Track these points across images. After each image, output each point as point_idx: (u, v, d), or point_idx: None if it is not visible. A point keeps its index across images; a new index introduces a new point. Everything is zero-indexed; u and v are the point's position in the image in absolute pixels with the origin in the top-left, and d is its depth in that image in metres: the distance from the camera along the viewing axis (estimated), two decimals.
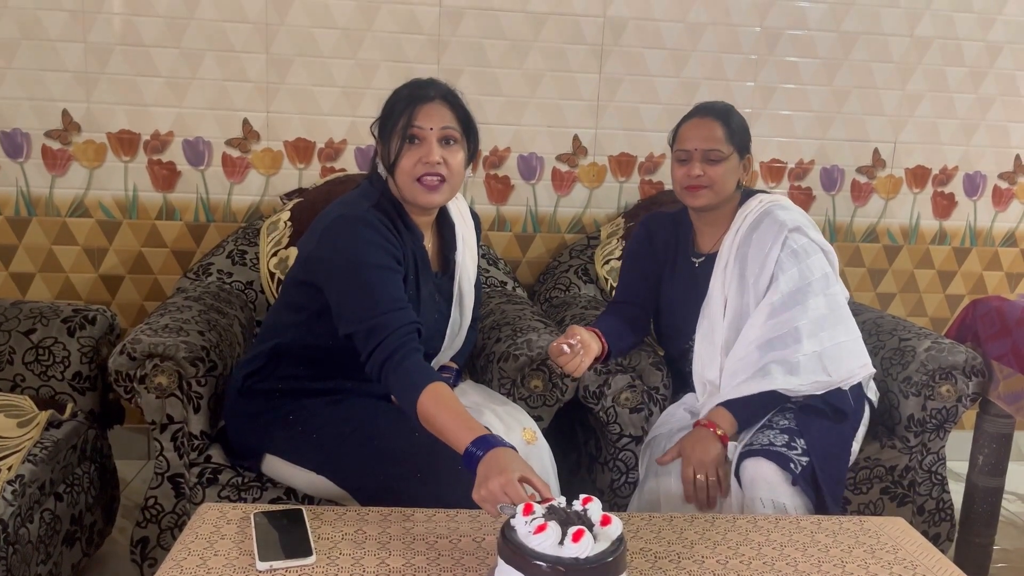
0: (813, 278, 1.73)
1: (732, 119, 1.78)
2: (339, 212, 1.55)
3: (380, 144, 1.57)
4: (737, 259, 1.78)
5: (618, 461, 1.89)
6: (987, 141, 2.78)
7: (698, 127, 1.77)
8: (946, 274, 2.86)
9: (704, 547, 1.29)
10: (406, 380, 1.41)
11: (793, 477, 1.57)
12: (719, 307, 1.78)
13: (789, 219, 1.77)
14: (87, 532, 1.85)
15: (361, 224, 1.51)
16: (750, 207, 1.81)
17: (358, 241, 1.50)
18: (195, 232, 2.53)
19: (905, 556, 1.29)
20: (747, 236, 1.78)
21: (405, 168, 1.52)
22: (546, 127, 2.60)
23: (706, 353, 1.79)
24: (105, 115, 2.44)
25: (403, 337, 1.44)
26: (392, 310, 1.46)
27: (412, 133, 1.52)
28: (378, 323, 1.44)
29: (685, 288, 1.86)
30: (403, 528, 1.29)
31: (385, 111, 1.57)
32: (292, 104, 2.50)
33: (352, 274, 1.48)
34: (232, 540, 1.23)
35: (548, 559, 1.07)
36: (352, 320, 1.48)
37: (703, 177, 1.75)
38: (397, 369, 1.42)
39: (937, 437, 1.99)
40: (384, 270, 1.49)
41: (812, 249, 1.76)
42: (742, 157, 1.79)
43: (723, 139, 1.75)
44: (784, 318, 1.71)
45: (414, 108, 1.52)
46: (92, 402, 1.90)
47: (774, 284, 1.74)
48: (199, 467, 1.72)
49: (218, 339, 1.84)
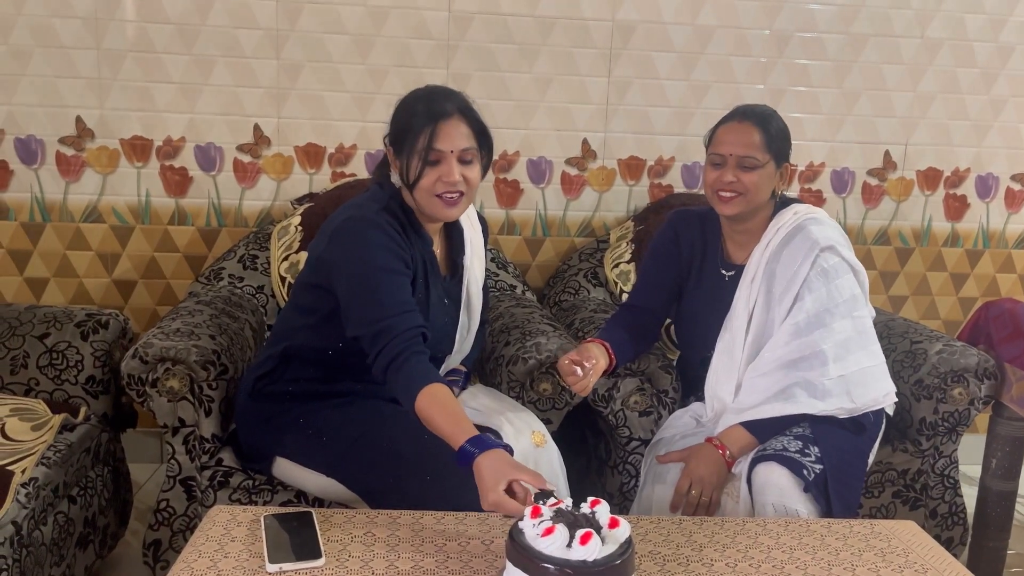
0: (841, 300, 1.68)
1: (772, 124, 1.72)
2: (348, 214, 1.56)
3: (394, 156, 1.57)
4: (765, 274, 1.72)
5: (627, 465, 1.89)
6: (999, 142, 2.77)
7: (735, 131, 1.71)
8: (959, 276, 2.85)
9: (713, 550, 1.29)
10: (407, 382, 1.43)
11: (806, 484, 1.56)
12: (743, 322, 1.73)
13: (823, 237, 1.70)
14: (100, 534, 1.86)
15: (370, 227, 1.52)
16: (783, 219, 1.74)
17: (367, 244, 1.51)
18: (207, 237, 2.55)
19: (916, 560, 1.29)
20: (778, 251, 1.72)
21: (425, 186, 1.53)
22: (555, 131, 2.61)
23: (723, 369, 1.75)
24: (118, 121, 2.47)
25: (407, 341, 1.45)
26: (398, 313, 1.47)
27: (433, 158, 1.51)
28: (384, 326, 1.45)
29: (711, 298, 1.81)
30: (412, 530, 1.30)
31: (400, 125, 1.55)
32: (303, 109, 2.51)
33: (360, 277, 1.49)
34: (242, 542, 1.24)
35: (556, 562, 1.07)
36: (359, 323, 1.49)
37: (736, 184, 1.69)
38: (400, 371, 1.43)
39: (949, 440, 1.98)
40: (392, 273, 1.51)
41: (843, 269, 1.70)
42: (779, 165, 1.73)
43: (760, 146, 1.69)
44: (809, 340, 1.66)
45: (434, 128, 1.51)
46: (105, 406, 1.92)
47: (799, 303, 1.68)
48: (210, 470, 1.73)
49: (229, 343, 1.85)
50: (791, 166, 1.78)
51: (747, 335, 1.74)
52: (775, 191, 1.76)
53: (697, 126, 2.64)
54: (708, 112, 2.62)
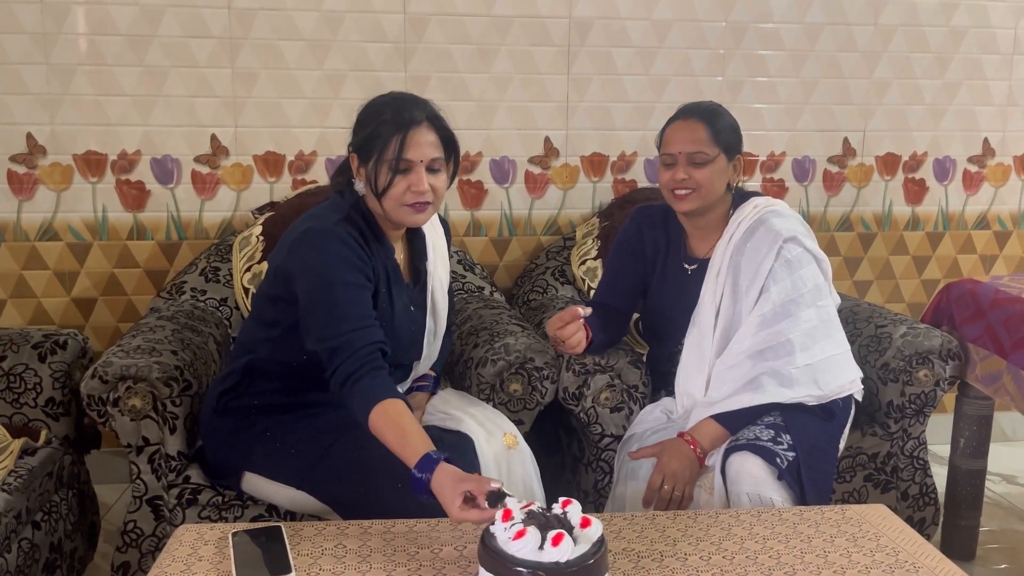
0: (805, 289, 1.70)
1: (718, 120, 1.74)
2: (308, 225, 1.54)
3: (360, 164, 1.54)
4: (730, 268, 1.74)
5: (601, 462, 1.89)
6: (955, 126, 2.81)
7: (682, 130, 1.74)
8: (921, 259, 2.88)
9: (687, 544, 1.28)
10: (362, 399, 1.40)
11: (779, 472, 1.57)
12: (710, 316, 1.75)
13: (785, 228, 1.73)
14: (68, 559, 1.82)
15: (330, 238, 1.50)
16: (744, 213, 1.77)
17: (327, 256, 1.48)
18: (167, 251, 2.51)
19: (887, 543, 1.30)
20: (741, 244, 1.74)
21: (394, 195, 1.51)
22: (517, 130, 2.60)
23: (693, 363, 1.76)
24: (70, 136, 2.42)
25: (365, 357, 1.42)
26: (357, 328, 1.44)
27: (403, 167, 1.50)
28: (343, 342, 1.43)
29: (676, 293, 1.83)
30: (384, 540, 1.28)
31: (367, 132, 1.52)
32: (260, 118, 2.48)
33: (320, 290, 1.47)
34: (210, 561, 1.22)
35: (528, 564, 1.06)
36: (318, 337, 1.46)
37: (688, 181, 1.71)
38: (355, 388, 1.41)
39: (917, 422, 2.00)
40: (352, 287, 1.48)
41: (806, 260, 1.73)
42: (731, 158, 1.75)
43: (708, 141, 1.71)
44: (776, 330, 1.68)
45: (404, 137, 1.49)
46: (67, 428, 1.87)
47: (765, 294, 1.70)
48: (178, 488, 1.70)
49: (192, 358, 1.82)
50: (746, 156, 1.79)
51: (715, 329, 1.75)
52: (730, 184, 1.78)
53: (658, 120, 2.62)
54: (668, 106, 2.61)
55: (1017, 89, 2.80)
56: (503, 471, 1.61)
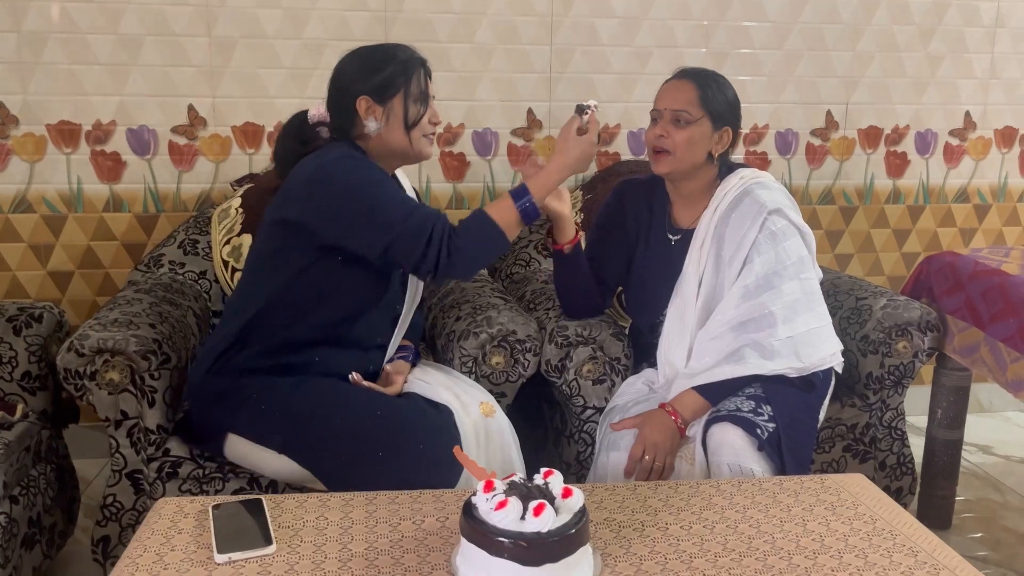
0: (789, 262, 1.70)
1: (711, 86, 1.73)
2: (316, 163, 1.56)
3: (375, 103, 1.60)
4: (714, 238, 1.74)
5: (583, 434, 1.89)
6: (937, 99, 2.81)
7: (673, 88, 1.75)
8: (901, 232, 2.90)
9: (668, 514, 1.29)
10: (473, 226, 1.56)
11: (759, 443, 1.57)
12: (693, 286, 1.75)
13: (770, 200, 1.72)
14: (47, 534, 1.81)
15: (349, 158, 1.57)
16: (730, 184, 1.76)
17: (358, 167, 1.56)
18: (145, 223, 2.47)
19: (865, 511, 1.31)
20: (726, 215, 1.73)
21: (422, 126, 1.63)
22: (500, 101, 2.57)
23: (675, 333, 1.76)
24: (43, 106, 2.37)
25: (444, 220, 1.55)
26: (416, 208, 1.56)
27: (427, 97, 1.63)
28: (420, 216, 1.53)
29: (659, 263, 1.83)
30: (366, 512, 1.28)
31: (386, 72, 1.59)
32: (238, 88, 2.44)
33: (368, 190, 1.53)
34: (190, 534, 1.21)
35: (510, 535, 1.06)
36: (388, 225, 1.51)
37: (666, 140, 1.71)
38: (459, 233, 1.54)
39: (896, 393, 2.02)
40: (388, 182, 1.59)
41: (790, 232, 1.72)
42: (717, 127, 1.73)
43: (695, 102, 1.70)
44: (758, 302, 1.68)
45: (424, 73, 1.63)
46: (44, 402, 1.85)
47: (748, 266, 1.70)
48: (157, 461, 1.69)
49: (171, 331, 1.80)
50: (734, 131, 1.77)
51: (697, 299, 1.75)
52: (712, 153, 1.76)
53: (641, 92, 2.63)
54: (652, 78, 2.61)
55: (999, 62, 2.81)
56: (481, 440, 1.62)
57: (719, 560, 1.16)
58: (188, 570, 1.12)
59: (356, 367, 1.66)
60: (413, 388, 1.68)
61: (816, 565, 1.15)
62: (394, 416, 1.55)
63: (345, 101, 1.61)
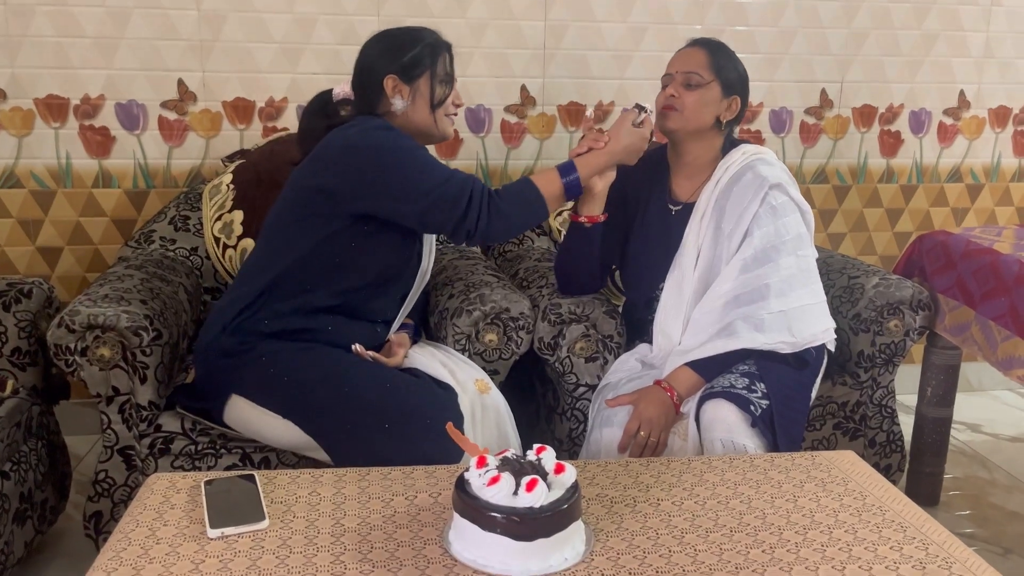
0: (788, 237, 1.71)
1: (722, 54, 1.78)
2: (353, 130, 1.60)
3: (402, 82, 1.64)
4: (715, 210, 1.75)
5: (575, 411, 1.90)
6: (931, 78, 2.80)
7: (683, 53, 1.79)
8: (894, 212, 2.90)
9: (659, 490, 1.30)
10: (516, 191, 1.63)
11: (752, 419, 1.58)
12: (691, 258, 1.76)
13: (771, 175, 1.74)
14: (38, 509, 1.81)
15: (383, 128, 1.61)
16: (733, 158, 1.78)
17: (393, 135, 1.59)
18: (135, 199, 2.45)
19: (855, 487, 1.32)
20: (727, 188, 1.75)
21: (447, 105, 1.70)
22: (493, 77, 2.55)
23: (672, 303, 1.77)
24: (31, 80, 2.33)
25: (481, 182, 1.61)
26: (452, 172, 1.60)
27: (452, 78, 1.70)
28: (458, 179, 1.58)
29: (658, 235, 1.83)
30: (359, 488, 1.28)
31: (414, 52, 1.65)
32: (228, 63, 2.41)
33: (405, 156, 1.57)
34: (182, 509, 1.21)
35: (502, 510, 1.07)
36: (427, 189, 1.56)
37: (677, 100, 1.73)
38: (502, 195, 1.61)
39: (887, 371, 2.03)
40: (422, 148, 1.63)
41: (790, 208, 1.74)
42: (727, 95, 1.76)
43: (705, 66, 1.74)
44: (755, 274, 1.69)
45: (449, 56, 1.70)
46: (34, 378, 1.84)
47: (748, 239, 1.71)
48: (149, 438, 1.69)
49: (162, 307, 1.79)
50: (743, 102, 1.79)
51: (695, 271, 1.76)
52: (720, 119, 1.77)
53: (636, 69, 2.61)
54: (646, 55, 2.60)
55: (994, 41, 2.80)
56: (477, 417, 1.63)
57: (710, 535, 1.17)
58: (181, 545, 1.12)
59: (363, 340, 1.67)
60: (414, 364, 1.69)
61: (806, 540, 1.16)
62: (403, 390, 1.57)
63: (372, 80, 1.65)
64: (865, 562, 1.12)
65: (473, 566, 1.07)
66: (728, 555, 1.12)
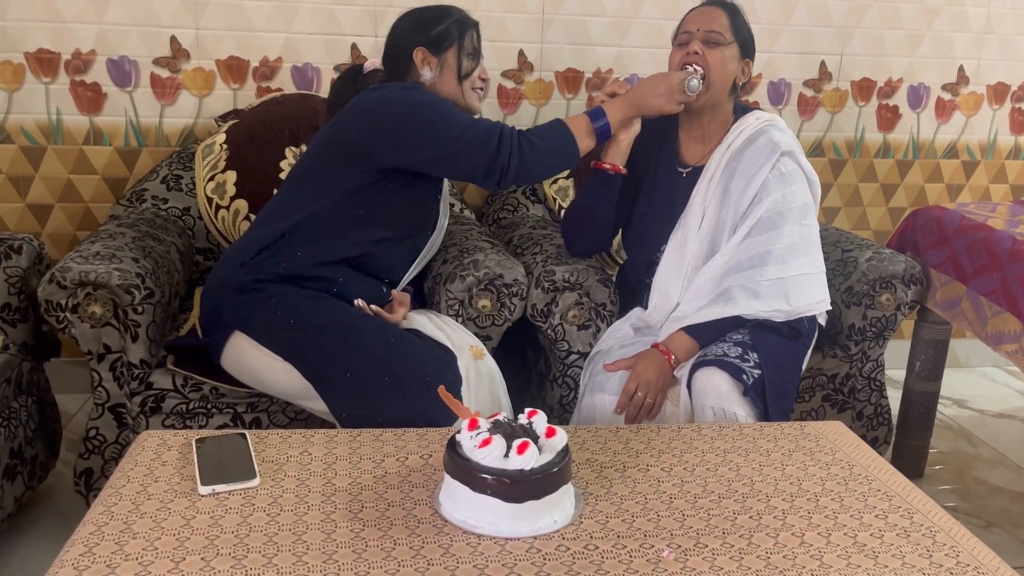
0: (794, 204, 1.72)
1: (738, 15, 1.78)
2: (383, 90, 1.66)
3: (431, 54, 1.70)
4: (725, 173, 1.75)
5: (567, 378, 1.91)
6: (931, 52, 2.78)
7: (702, 12, 1.77)
8: (889, 187, 2.90)
9: (649, 456, 1.31)
10: (548, 129, 1.67)
11: (744, 388, 1.59)
12: (696, 218, 1.77)
13: (784, 142, 1.74)
14: (29, 465, 1.81)
15: (411, 88, 1.68)
16: (746, 123, 1.78)
17: (420, 92, 1.66)
18: (126, 157, 2.43)
19: (843, 457, 1.33)
20: (739, 152, 1.75)
21: (473, 79, 1.75)
22: (491, 42, 2.52)
23: (673, 264, 1.78)
24: (21, 34, 2.29)
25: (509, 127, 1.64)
26: (477, 120, 1.65)
27: (479, 53, 1.75)
28: (486, 123, 1.63)
29: (664, 197, 1.83)
30: (350, 448, 1.29)
31: (443, 26, 1.70)
32: (222, 20, 2.37)
33: (433, 108, 1.63)
34: (173, 466, 1.21)
35: (493, 472, 1.07)
36: (455, 135, 1.60)
37: (699, 57, 1.72)
38: (534, 132, 1.65)
39: (877, 345, 2.04)
40: (451, 104, 1.68)
41: (799, 176, 1.74)
42: (743, 57, 1.76)
43: (727, 26, 1.74)
44: (759, 239, 1.70)
45: (477, 32, 1.75)
46: (24, 334, 1.83)
47: (757, 204, 1.71)
48: (140, 396, 1.68)
49: (154, 266, 1.78)
50: (751, 63, 1.80)
51: (699, 231, 1.77)
52: (736, 83, 1.77)
53: (635, 37, 2.58)
54: (646, 22, 2.57)
55: (995, 17, 2.78)
56: (471, 382, 1.64)
57: (698, 501, 1.18)
58: (172, 501, 1.12)
59: (369, 297, 1.69)
60: (414, 325, 1.71)
61: (793, 507, 1.18)
62: (407, 346, 1.59)
63: (402, 52, 1.71)
64: (850, 529, 1.13)
65: (463, 527, 1.08)
66: (716, 520, 1.13)
